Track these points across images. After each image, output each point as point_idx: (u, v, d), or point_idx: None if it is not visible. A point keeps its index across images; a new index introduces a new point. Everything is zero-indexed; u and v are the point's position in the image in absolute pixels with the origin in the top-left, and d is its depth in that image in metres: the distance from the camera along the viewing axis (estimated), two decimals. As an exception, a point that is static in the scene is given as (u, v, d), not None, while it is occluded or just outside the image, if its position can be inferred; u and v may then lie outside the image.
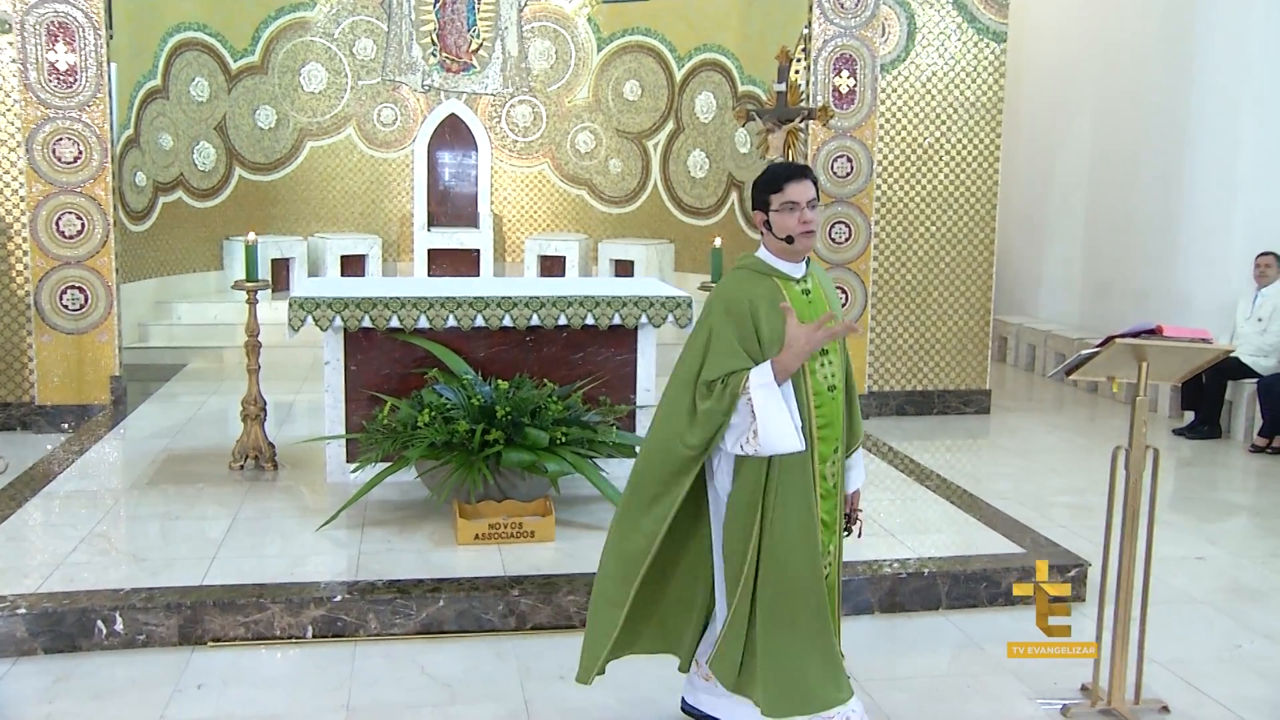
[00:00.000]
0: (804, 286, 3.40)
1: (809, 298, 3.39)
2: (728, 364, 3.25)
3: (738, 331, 3.28)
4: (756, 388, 3.18)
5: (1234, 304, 9.10)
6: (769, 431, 3.18)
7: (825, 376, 3.39)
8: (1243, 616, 5.13)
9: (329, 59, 12.47)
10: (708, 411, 3.24)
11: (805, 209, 3.30)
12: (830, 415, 3.39)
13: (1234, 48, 9.41)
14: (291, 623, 4.60)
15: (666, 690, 4.23)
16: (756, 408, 3.17)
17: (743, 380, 3.20)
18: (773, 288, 3.34)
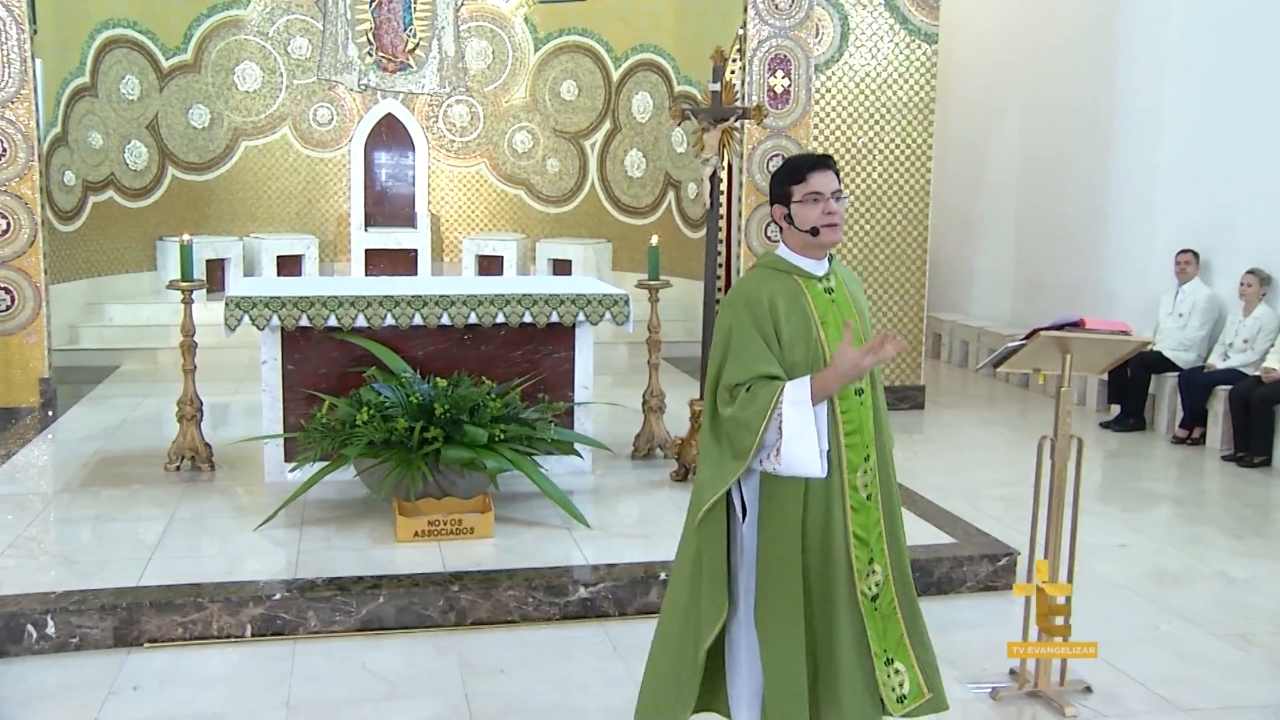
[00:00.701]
0: (827, 285, 3.19)
1: (832, 297, 3.18)
2: (752, 368, 3.04)
3: (759, 330, 3.08)
4: (790, 404, 2.97)
5: (1157, 300, 9.34)
6: (792, 452, 2.97)
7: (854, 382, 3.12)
8: (1162, 600, 5.30)
9: (263, 58, 12.35)
10: (732, 419, 3.04)
11: (830, 199, 3.10)
12: (858, 421, 3.14)
13: (1153, 53, 9.65)
14: (230, 622, 4.57)
15: (602, 680, 4.29)
16: (785, 425, 2.96)
17: (776, 394, 2.98)
18: (793, 286, 3.14)
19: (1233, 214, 8.92)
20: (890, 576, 3.21)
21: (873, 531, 3.17)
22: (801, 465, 2.98)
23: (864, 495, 3.16)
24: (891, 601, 3.21)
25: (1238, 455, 8.01)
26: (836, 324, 3.13)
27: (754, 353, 3.06)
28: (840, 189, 3.15)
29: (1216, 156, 9.03)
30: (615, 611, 4.86)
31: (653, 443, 6.86)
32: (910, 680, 3.21)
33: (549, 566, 5.01)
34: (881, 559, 3.20)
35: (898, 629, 3.22)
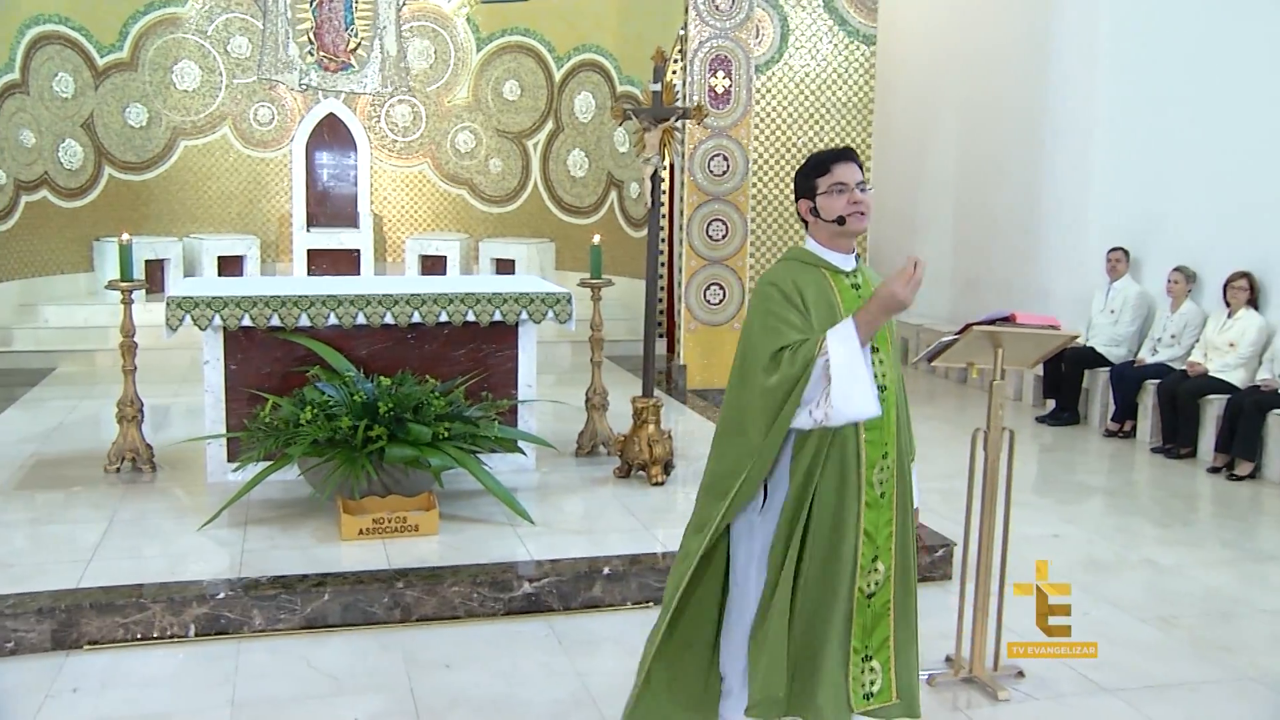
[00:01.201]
0: (854, 281, 3.17)
1: (859, 293, 3.15)
2: (790, 334, 2.99)
3: (789, 302, 3.05)
4: (836, 343, 2.91)
5: (1090, 297, 9.56)
6: (847, 394, 2.89)
7: (877, 376, 3.07)
8: (1092, 587, 5.44)
9: (202, 56, 12.24)
10: (781, 379, 2.95)
11: (855, 189, 3.08)
12: (879, 419, 3.08)
13: (1083, 56, 9.88)
14: (173, 622, 4.56)
15: (547, 673, 4.34)
16: (834, 367, 2.88)
17: (820, 341, 2.93)
18: (821, 279, 3.12)
19: (1161, 213, 9.16)
20: (892, 578, 3.22)
21: (882, 530, 3.17)
22: (856, 405, 2.91)
23: (879, 493, 3.15)
24: (887, 603, 3.22)
25: (1166, 447, 8.23)
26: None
27: (792, 322, 3.03)
28: (864, 180, 3.13)
29: (1145, 157, 9.26)
30: (560, 606, 4.92)
31: (596, 440, 6.92)
32: (883, 680, 3.24)
33: (493, 563, 5.04)
34: (887, 558, 3.20)
35: (885, 630, 3.23)
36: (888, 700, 3.25)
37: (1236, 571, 5.79)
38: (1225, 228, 8.50)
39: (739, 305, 9.18)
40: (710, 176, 8.81)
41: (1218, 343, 8.18)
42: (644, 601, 5.01)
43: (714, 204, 8.90)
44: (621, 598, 5.00)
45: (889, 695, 3.25)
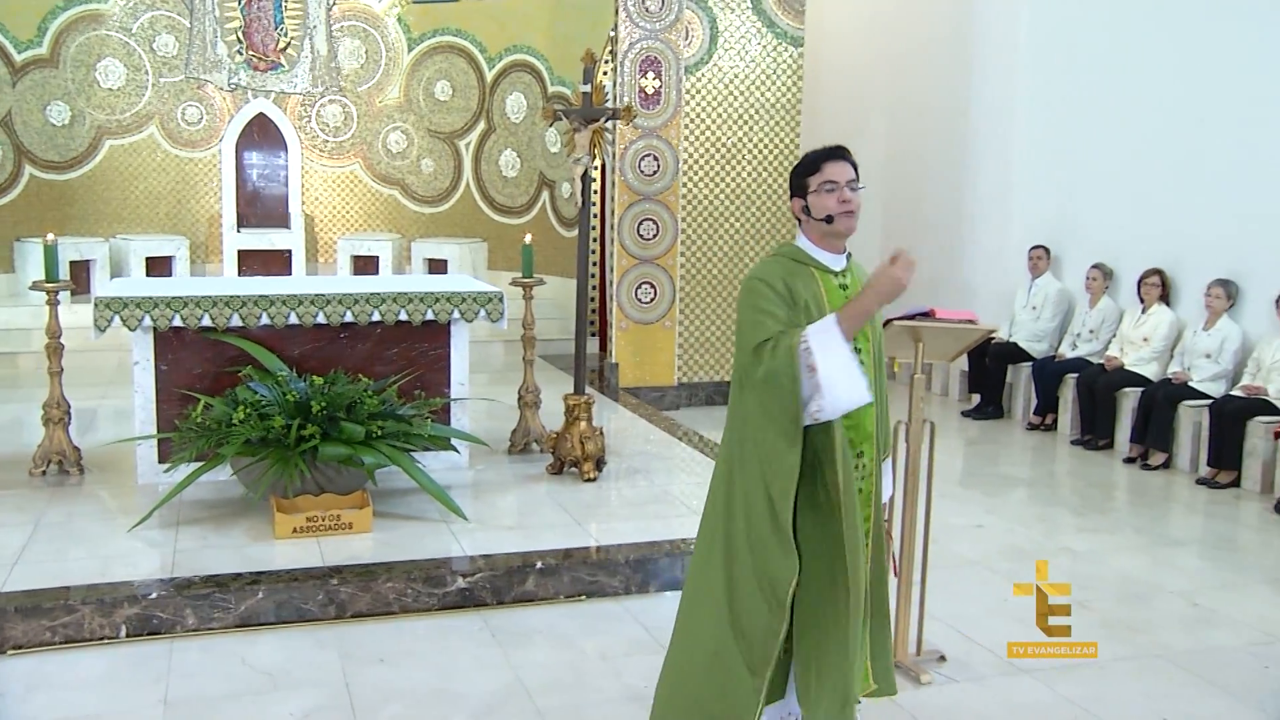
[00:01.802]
0: (842, 281, 3.17)
1: (846, 293, 3.15)
2: (772, 325, 3.01)
3: (778, 295, 3.05)
4: (815, 335, 2.92)
5: (1013, 293, 9.81)
6: (835, 384, 2.90)
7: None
8: (1012, 575, 5.60)
9: (127, 54, 12.07)
10: (766, 374, 2.97)
11: (845, 188, 3.09)
12: (857, 417, 3.11)
13: (1004, 58, 10.12)
14: (103, 623, 4.54)
15: (481, 666, 4.40)
16: (817, 360, 2.90)
17: (798, 334, 2.94)
18: (809, 277, 3.12)
19: (1079, 212, 9.43)
20: (870, 571, 3.25)
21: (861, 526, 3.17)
22: (850, 392, 2.93)
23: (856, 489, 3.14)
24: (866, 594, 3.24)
25: (1084, 439, 8.49)
26: None
27: (776, 315, 3.03)
28: (856, 179, 3.13)
29: (1064, 158, 9.53)
30: (493, 600, 4.98)
31: (528, 438, 6.98)
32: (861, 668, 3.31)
33: (427, 559, 5.09)
34: (866, 552, 3.21)
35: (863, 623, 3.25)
36: (867, 688, 3.35)
37: (1148, 557, 6.01)
38: (1139, 227, 8.78)
39: (670, 304, 9.29)
40: (641, 176, 8.91)
41: (1133, 337, 8.45)
42: (576, 595, 5.09)
43: (645, 204, 9.00)
44: (554, 591, 5.07)
45: (867, 683, 3.35)
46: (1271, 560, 6.02)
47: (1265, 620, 5.07)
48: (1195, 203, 8.26)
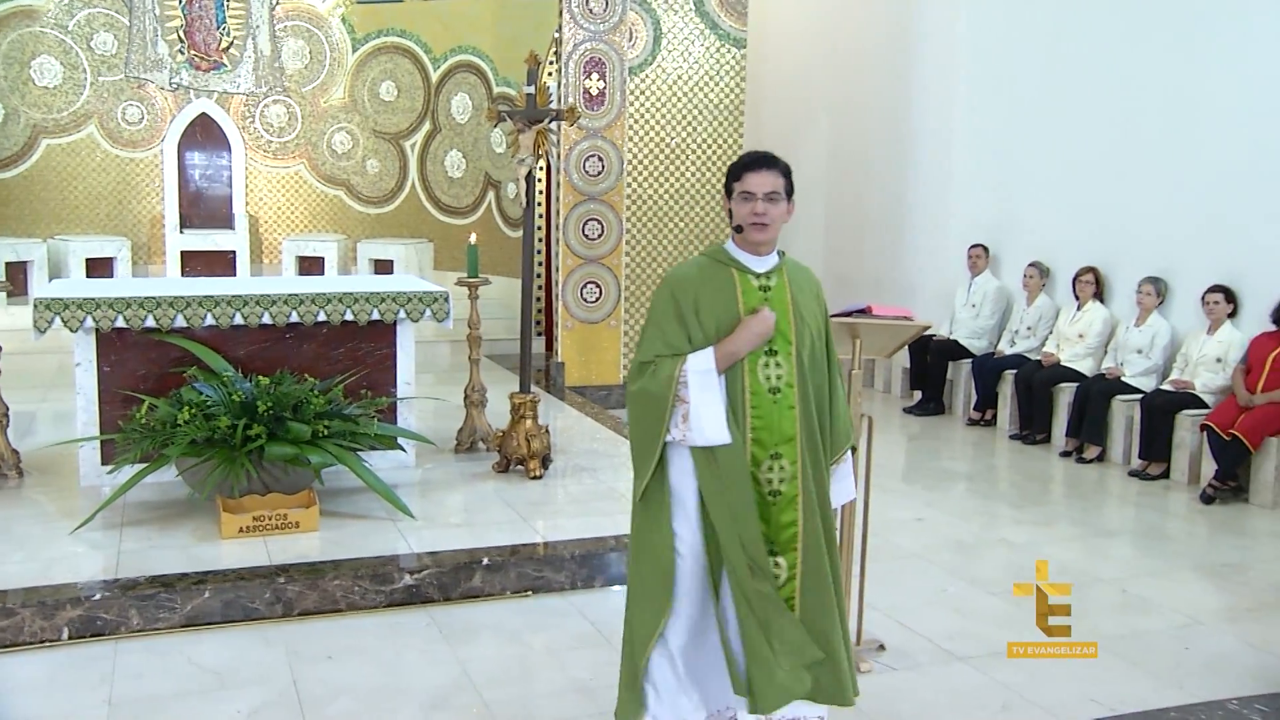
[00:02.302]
0: (764, 283, 3.20)
1: (767, 295, 3.19)
2: (660, 347, 3.14)
3: (679, 314, 3.15)
4: (693, 372, 3.08)
5: (953, 291, 9.99)
6: (700, 417, 3.07)
7: (768, 378, 3.16)
8: (951, 566, 5.76)
9: (64, 52, 11.93)
10: (641, 391, 3.13)
11: (760, 200, 3.13)
12: (770, 419, 3.16)
13: (943, 60, 10.31)
14: (45, 626, 4.52)
15: (429, 661, 4.44)
16: (691, 392, 3.06)
17: (680, 363, 3.09)
18: (728, 278, 3.18)
19: (1016, 211, 9.63)
20: (797, 575, 3.22)
21: (784, 530, 3.19)
22: (712, 430, 3.08)
23: (766, 490, 3.17)
24: (791, 598, 3.23)
25: (1023, 433, 8.67)
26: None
27: (669, 333, 3.14)
28: (780, 191, 3.16)
29: (1001, 159, 9.73)
30: (440, 597, 5.02)
31: (475, 436, 7.02)
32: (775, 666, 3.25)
33: (374, 556, 5.12)
34: (791, 557, 3.21)
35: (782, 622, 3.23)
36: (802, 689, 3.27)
37: (1083, 546, 6.18)
38: (1074, 226, 8.99)
39: (615, 303, 9.36)
40: (586, 177, 8.98)
41: (1068, 334, 8.65)
42: (523, 590, 5.15)
43: (590, 204, 9.06)
44: (501, 587, 5.12)
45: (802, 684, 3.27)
46: (1197, 548, 6.22)
47: (1188, 604, 5.25)
48: (1127, 203, 8.48)
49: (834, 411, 3.33)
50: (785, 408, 3.17)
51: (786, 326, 3.18)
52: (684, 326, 3.14)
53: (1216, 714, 4.10)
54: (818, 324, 3.30)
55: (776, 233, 3.20)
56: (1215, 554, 6.09)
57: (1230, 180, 7.67)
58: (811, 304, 3.29)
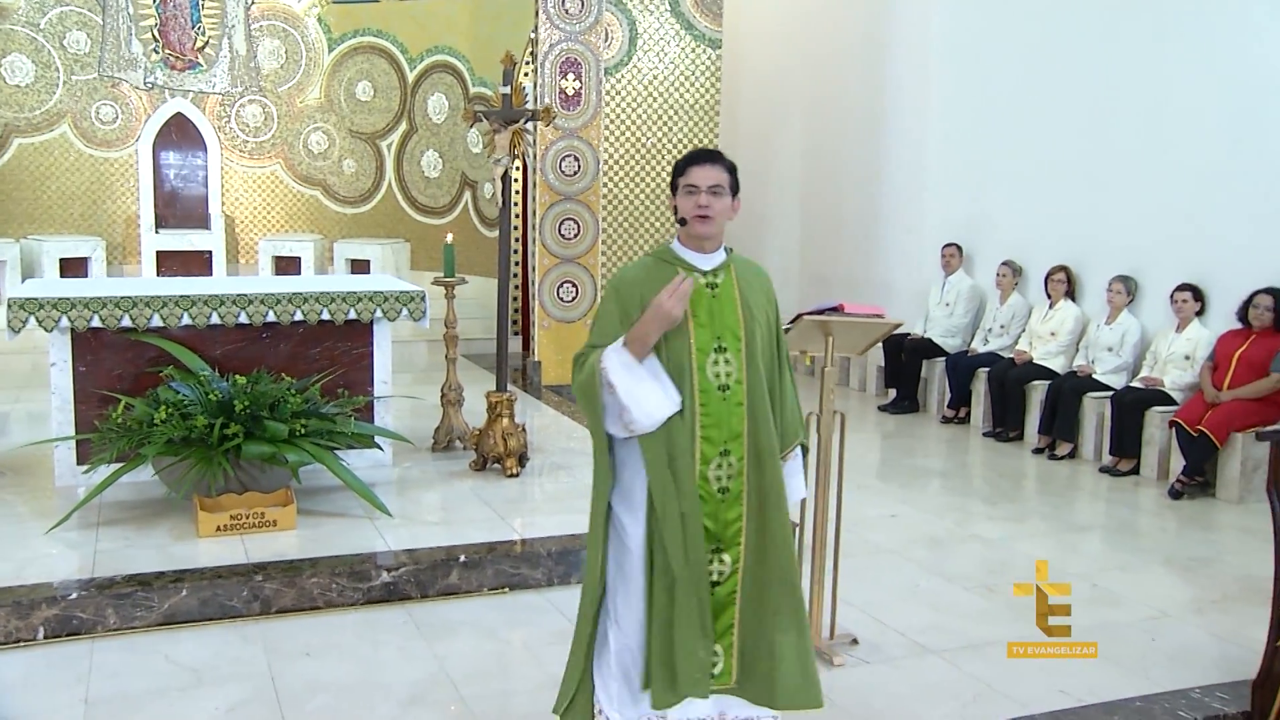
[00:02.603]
0: (711, 280, 3.20)
1: (714, 292, 3.19)
2: (598, 341, 3.17)
3: (620, 312, 3.16)
4: (609, 357, 3.07)
5: (927, 290, 10.07)
6: (637, 399, 3.05)
7: (716, 375, 3.15)
8: (924, 562, 5.83)
9: (35, 50, 11.87)
10: (577, 388, 3.18)
11: (704, 193, 3.13)
12: (718, 416, 3.14)
13: (918, 61, 10.39)
14: (20, 626, 4.52)
15: (406, 657, 4.48)
16: (615, 379, 3.04)
17: (599, 354, 3.09)
18: (672, 278, 3.13)
19: (989, 211, 9.72)
20: (741, 571, 3.23)
21: (730, 526, 3.19)
22: (650, 411, 3.06)
23: (715, 488, 3.17)
24: (733, 592, 3.24)
25: (996, 431, 8.76)
26: (712, 319, 3.16)
27: (605, 332, 3.15)
28: (725, 185, 3.16)
29: (975, 159, 9.82)
30: (417, 594, 5.05)
31: (452, 435, 7.04)
32: (724, 664, 3.28)
33: (352, 554, 5.14)
34: (735, 552, 3.21)
35: (730, 618, 3.26)
36: (727, 683, 3.30)
37: (1054, 542, 6.26)
38: (1046, 226, 9.08)
39: (591, 302, 9.39)
40: (562, 177, 9.01)
41: (1040, 332, 8.75)
42: (500, 587, 5.18)
43: (566, 204, 9.10)
44: (478, 584, 5.15)
45: (728, 679, 3.29)
46: (1165, 543, 6.31)
47: (1156, 598, 5.34)
48: (1098, 203, 8.58)
49: (783, 407, 3.34)
50: (734, 404, 3.17)
51: (735, 323, 3.18)
52: (625, 328, 3.13)
53: (1180, 702, 4.18)
54: (769, 320, 3.30)
55: (721, 228, 3.21)
56: (1183, 548, 6.18)
57: (1198, 182, 7.78)
58: (761, 300, 3.28)
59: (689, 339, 3.13)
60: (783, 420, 3.33)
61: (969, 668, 4.48)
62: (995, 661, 4.53)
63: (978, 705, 4.18)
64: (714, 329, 3.16)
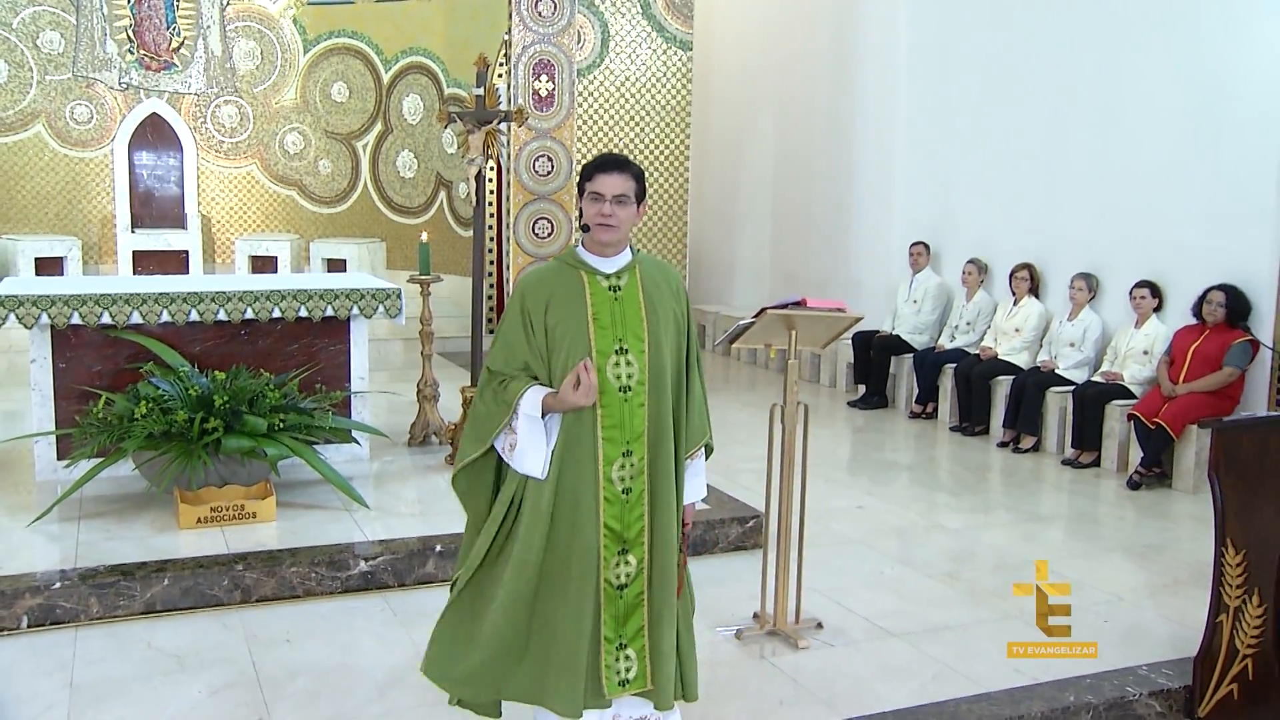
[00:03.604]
0: (614, 283, 3.26)
1: (617, 295, 3.26)
2: (509, 362, 3.25)
3: (524, 323, 3.24)
4: (523, 415, 3.18)
5: (895, 288, 10.26)
6: (523, 453, 3.19)
7: (617, 376, 3.21)
8: (888, 550, 6.00)
9: (8, 50, 11.91)
10: (478, 410, 3.28)
11: (609, 202, 3.18)
12: (620, 417, 3.21)
13: (885, 62, 10.58)
14: (4, 615, 4.61)
15: (384, 644, 4.60)
16: (519, 428, 3.18)
17: (515, 399, 3.17)
18: (577, 281, 3.23)
19: (956, 210, 9.92)
20: (646, 571, 3.30)
21: (632, 526, 3.26)
22: (529, 466, 3.20)
23: (619, 489, 3.23)
24: (640, 594, 3.30)
25: (962, 425, 8.94)
26: (614, 322, 3.21)
27: (513, 346, 3.25)
28: (630, 195, 3.20)
29: (940, 159, 10.01)
30: (395, 583, 5.17)
31: (428, 430, 7.17)
32: (638, 668, 3.35)
33: (330, 544, 5.26)
34: (639, 552, 3.27)
35: (639, 620, 3.31)
36: (643, 687, 3.34)
37: (1015, 531, 6.44)
38: (1010, 224, 9.29)
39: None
40: (535, 176, 9.14)
41: (1005, 328, 8.94)
42: (476, 576, 5.30)
43: (539, 203, 9.23)
44: (453, 573, 5.27)
45: (644, 682, 3.34)
46: (1122, 531, 6.50)
47: (1111, 582, 5.52)
48: (1060, 202, 8.79)
49: (690, 409, 3.38)
50: (636, 405, 3.23)
51: (638, 325, 3.24)
52: (528, 335, 3.24)
53: (1128, 678, 4.36)
54: (677, 321, 3.35)
55: (624, 234, 3.28)
56: (1139, 536, 6.38)
57: (1154, 183, 8.00)
58: (668, 301, 3.33)
59: (589, 341, 3.19)
60: (689, 421, 3.39)
61: (929, 649, 4.65)
62: (954, 643, 4.70)
63: (936, 684, 4.34)
64: (615, 331, 3.22)
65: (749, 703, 4.16)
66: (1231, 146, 7.50)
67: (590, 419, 3.20)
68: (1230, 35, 7.56)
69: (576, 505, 3.23)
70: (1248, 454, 4.12)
